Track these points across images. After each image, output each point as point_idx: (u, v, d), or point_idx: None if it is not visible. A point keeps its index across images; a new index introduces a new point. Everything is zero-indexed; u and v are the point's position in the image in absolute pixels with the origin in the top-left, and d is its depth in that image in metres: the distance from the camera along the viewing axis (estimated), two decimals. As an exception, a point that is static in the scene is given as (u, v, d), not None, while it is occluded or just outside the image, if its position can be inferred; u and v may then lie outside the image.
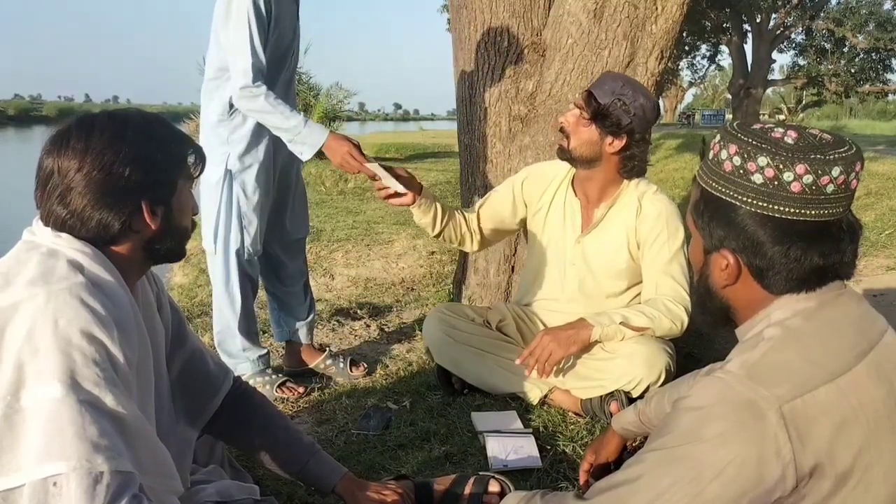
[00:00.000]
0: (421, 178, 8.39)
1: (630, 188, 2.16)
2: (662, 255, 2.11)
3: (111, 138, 1.10)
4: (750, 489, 0.90)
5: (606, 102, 2.02)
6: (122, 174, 1.10)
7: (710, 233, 1.05)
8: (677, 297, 2.09)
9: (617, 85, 2.03)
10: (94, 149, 1.09)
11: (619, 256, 2.17)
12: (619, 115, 2.02)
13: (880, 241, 4.77)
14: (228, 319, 2.34)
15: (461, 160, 3.16)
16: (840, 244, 0.98)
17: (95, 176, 1.08)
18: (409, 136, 27.22)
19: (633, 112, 2.02)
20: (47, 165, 1.10)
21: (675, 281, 2.10)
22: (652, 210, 2.12)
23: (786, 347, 0.96)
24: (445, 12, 15.84)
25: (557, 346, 2.05)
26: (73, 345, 0.97)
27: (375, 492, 1.48)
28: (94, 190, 1.08)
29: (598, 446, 1.68)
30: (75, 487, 0.91)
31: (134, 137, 1.12)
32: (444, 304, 2.74)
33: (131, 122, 1.14)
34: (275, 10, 2.14)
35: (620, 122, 2.02)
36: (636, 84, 2.11)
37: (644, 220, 2.13)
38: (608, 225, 2.18)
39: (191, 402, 1.43)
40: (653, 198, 2.14)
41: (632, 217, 2.14)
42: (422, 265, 4.32)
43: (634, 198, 2.15)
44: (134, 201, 1.12)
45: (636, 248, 2.15)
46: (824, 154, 0.95)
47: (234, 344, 2.37)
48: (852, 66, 21.01)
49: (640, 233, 2.13)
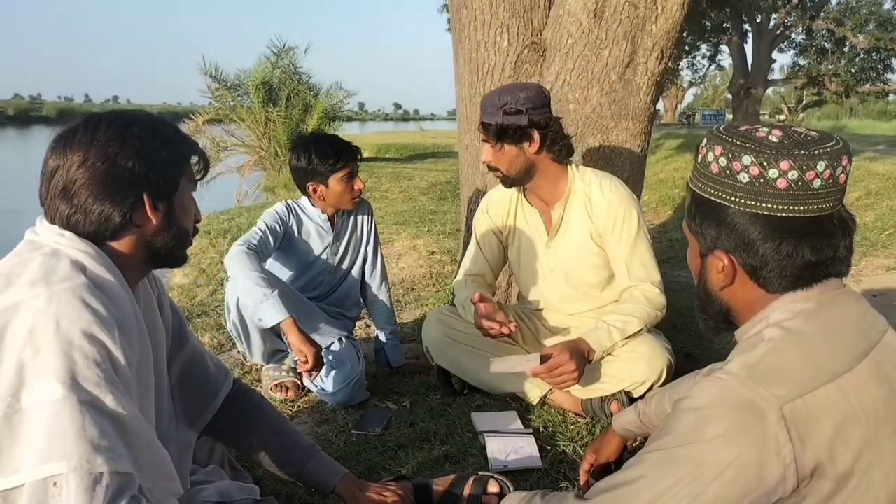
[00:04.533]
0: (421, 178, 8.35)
1: (576, 181, 2.18)
2: (624, 241, 2.13)
3: (116, 132, 1.11)
4: (750, 490, 0.90)
5: (498, 120, 2.05)
6: (125, 165, 1.10)
7: (704, 235, 1.06)
8: (650, 277, 2.14)
9: (495, 99, 2.07)
10: (99, 141, 1.10)
11: (588, 249, 2.19)
12: (514, 121, 2.05)
13: (880, 241, 4.77)
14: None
15: (461, 160, 3.16)
16: (831, 239, 0.98)
17: (99, 167, 1.09)
18: (409, 136, 27.25)
19: (524, 109, 2.04)
20: (52, 163, 1.11)
21: (642, 262, 2.15)
22: (601, 201, 2.14)
23: (786, 348, 0.96)
24: (445, 12, 15.84)
25: (576, 372, 1.96)
26: (74, 345, 0.97)
27: (375, 492, 1.48)
28: (97, 181, 1.09)
29: (599, 446, 1.67)
30: (75, 488, 0.91)
31: (139, 132, 1.13)
32: (444, 306, 2.74)
33: (137, 119, 1.16)
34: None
35: (520, 125, 2.05)
36: (510, 86, 2.15)
37: (596, 212, 2.15)
38: (568, 223, 2.20)
39: (191, 403, 1.43)
40: (599, 187, 2.16)
41: (585, 211, 2.17)
42: (422, 265, 4.32)
43: (582, 192, 2.17)
44: (136, 193, 1.12)
45: (599, 238, 2.18)
46: (809, 150, 0.96)
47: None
48: (852, 66, 21.01)
49: (597, 225, 2.16)
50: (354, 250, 2.58)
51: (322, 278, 2.53)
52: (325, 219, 2.46)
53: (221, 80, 11.58)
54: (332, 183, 2.36)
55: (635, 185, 2.75)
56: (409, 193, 8.27)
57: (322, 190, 2.38)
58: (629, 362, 2.08)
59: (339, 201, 2.41)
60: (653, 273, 2.16)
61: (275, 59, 11.64)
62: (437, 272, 4.16)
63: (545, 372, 1.97)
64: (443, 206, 6.93)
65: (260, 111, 11.36)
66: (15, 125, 47.66)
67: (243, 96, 11.73)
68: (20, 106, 66.66)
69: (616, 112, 2.69)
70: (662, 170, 10.68)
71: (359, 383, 2.31)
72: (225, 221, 5.72)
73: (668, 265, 4.31)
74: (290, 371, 2.44)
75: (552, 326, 2.35)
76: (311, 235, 2.47)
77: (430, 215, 6.11)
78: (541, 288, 2.34)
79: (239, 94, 11.71)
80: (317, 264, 2.50)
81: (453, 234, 5.03)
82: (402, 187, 8.84)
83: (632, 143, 2.74)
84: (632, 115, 2.70)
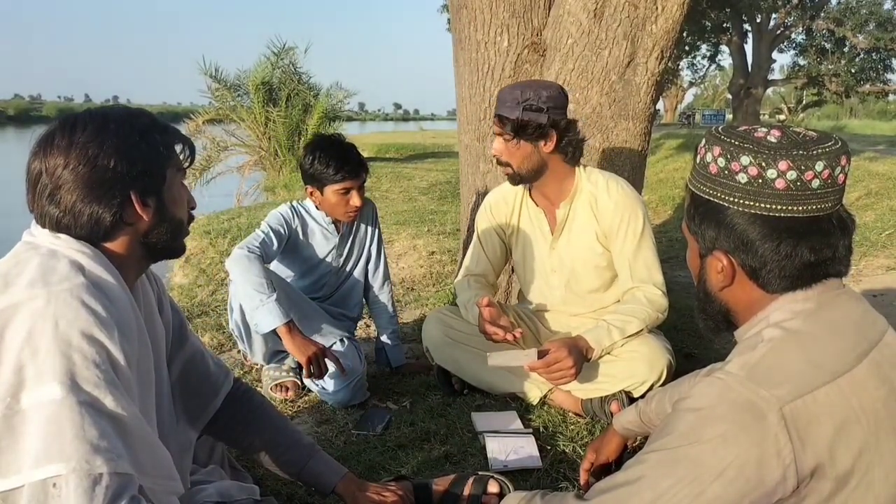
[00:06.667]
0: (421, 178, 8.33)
1: (583, 181, 2.17)
2: (629, 242, 2.13)
3: (94, 132, 1.10)
4: (750, 490, 0.90)
5: (518, 115, 2.02)
6: (107, 166, 1.09)
7: (703, 235, 1.06)
8: (652, 279, 2.13)
9: (517, 94, 2.04)
10: (77, 144, 1.08)
11: (593, 251, 2.19)
12: (534, 118, 2.03)
13: (880, 241, 4.77)
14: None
15: (461, 160, 3.16)
16: (830, 238, 0.98)
17: (81, 170, 1.08)
18: (409, 136, 27.25)
19: (545, 107, 2.03)
20: (35, 167, 1.10)
21: (646, 264, 2.14)
22: (608, 202, 2.13)
23: (786, 348, 0.96)
24: (445, 12, 15.84)
25: (574, 368, 1.97)
26: (73, 346, 0.97)
27: (375, 492, 1.48)
28: (82, 184, 1.08)
29: (599, 446, 1.67)
30: (74, 489, 0.91)
31: (116, 129, 1.11)
32: (444, 306, 2.74)
33: (113, 116, 1.14)
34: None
35: (540, 123, 2.03)
36: (532, 82, 2.12)
37: (603, 212, 2.14)
38: (574, 222, 2.20)
39: (191, 402, 1.43)
40: (605, 188, 2.15)
41: (591, 211, 2.16)
42: (422, 265, 4.32)
43: (588, 191, 2.16)
44: (122, 192, 1.11)
45: (605, 239, 2.17)
46: (807, 150, 0.96)
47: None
48: (852, 66, 21.00)
49: (603, 225, 2.15)
50: (359, 251, 2.58)
51: (326, 280, 2.53)
52: (330, 221, 2.45)
53: (221, 80, 11.57)
54: (328, 192, 2.33)
55: (635, 185, 2.75)
56: (409, 193, 8.27)
57: (318, 196, 2.36)
58: (629, 362, 2.08)
59: (333, 212, 2.39)
60: (656, 275, 2.15)
61: (275, 59, 11.63)
62: (437, 272, 4.16)
63: (542, 367, 1.97)
64: (443, 206, 6.93)
65: (260, 111, 11.35)
66: (15, 125, 47.66)
67: (243, 96, 11.72)
68: (20, 106, 66.67)
69: (616, 112, 2.69)
70: (662, 170, 10.68)
71: (359, 383, 2.31)
72: (225, 221, 5.71)
73: (668, 265, 4.31)
74: (290, 371, 2.44)
75: (553, 327, 2.35)
76: (315, 238, 2.46)
77: (430, 215, 6.11)
78: (542, 288, 2.33)
79: (239, 94, 11.70)
80: (321, 266, 2.49)
81: (453, 234, 5.03)
82: (402, 187, 8.84)
83: (632, 143, 2.74)
84: (632, 115, 2.70)
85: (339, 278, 2.56)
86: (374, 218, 2.61)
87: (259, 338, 2.34)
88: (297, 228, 2.41)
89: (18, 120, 53.54)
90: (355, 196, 2.34)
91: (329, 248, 2.48)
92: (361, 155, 2.38)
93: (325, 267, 2.50)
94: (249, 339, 2.37)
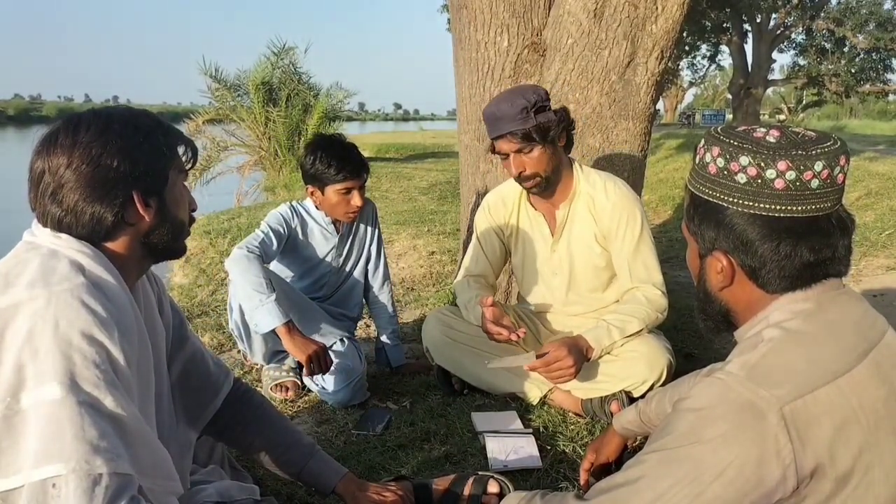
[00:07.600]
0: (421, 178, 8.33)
1: (581, 182, 2.17)
2: (628, 242, 2.13)
3: (97, 132, 1.10)
4: (750, 490, 0.90)
5: (532, 123, 1.99)
6: (110, 165, 1.09)
7: (702, 236, 1.06)
8: (652, 279, 2.14)
9: (517, 102, 2.00)
10: (81, 143, 1.09)
11: (593, 251, 2.19)
12: (549, 117, 2.03)
13: (880, 241, 4.76)
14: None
15: (461, 160, 3.16)
16: (830, 238, 0.98)
17: (84, 170, 1.08)
18: (409, 136, 27.26)
19: (546, 105, 2.04)
20: (38, 166, 1.10)
21: (645, 264, 2.14)
22: (606, 203, 2.14)
23: (786, 348, 0.96)
24: (445, 12, 15.84)
25: (573, 367, 1.97)
26: (73, 346, 0.97)
27: (375, 492, 1.48)
28: (85, 183, 1.08)
29: (599, 445, 1.67)
30: (74, 489, 0.91)
31: (120, 129, 1.12)
32: (444, 306, 2.74)
33: (116, 116, 1.14)
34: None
35: (556, 120, 2.04)
36: (518, 88, 2.12)
37: (601, 214, 2.14)
38: (573, 223, 2.20)
39: (191, 402, 1.43)
40: (603, 188, 2.15)
41: (589, 212, 2.16)
42: (422, 265, 4.32)
43: (586, 193, 2.16)
44: (124, 192, 1.11)
45: (604, 240, 2.18)
46: (806, 150, 0.96)
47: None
48: (852, 66, 21.00)
49: (601, 226, 2.16)
50: (358, 251, 2.58)
51: (326, 280, 2.53)
52: (329, 221, 2.45)
53: (221, 80, 11.57)
54: (329, 192, 2.33)
55: (635, 185, 2.75)
56: (409, 193, 8.27)
57: (318, 195, 2.36)
58: (629, 362, 2.08)
59: (333, 212, 2.39)
60: (655, 275, 2.15)
61: (275, 59, 11.63)
62: (437, 272, 4.16)
63: (542, 366, 1.98)
64: (443, 206, 6.93)
65: (260, 111, 11.36)
66: (15, 125, 47.66)
67: (243, 96, 11.72)
68: (20, 106, 66.66)
69: (616, 112, 2.69)
70: (662, 170, 10.68)
71: (359, 383, 2.31)
72: (225, 221, 5.71)
73: (668, 265, 4.31)
74: (290, 371, 2.44)
75: (553, 327, 2.35)
76: (315, 237, 2.46)
77: (430, 215, 6.11)
78: (543, 289, 2.33)
79: (239, 94, 11.70)
80: (321, 266, 2.49)
81: (453, 234, 5.03)
82: (402, 187, 8.84)
83: (632, 143, 2.74)
84: (632, 115, 2.70)
85: (339, 278, 2.56)
86: (374, 218, 2.61)
87: (259, 338, 2.34)
88: (296, 228, 2.41)
89: (18, 120, 53.55)
90: (356, 196, 2.34)
91: (328, 248, 2.48)
92: (362, 155, 2.38)
93: (325, 267, 2.50)
94: (249, 339, 2.37)
